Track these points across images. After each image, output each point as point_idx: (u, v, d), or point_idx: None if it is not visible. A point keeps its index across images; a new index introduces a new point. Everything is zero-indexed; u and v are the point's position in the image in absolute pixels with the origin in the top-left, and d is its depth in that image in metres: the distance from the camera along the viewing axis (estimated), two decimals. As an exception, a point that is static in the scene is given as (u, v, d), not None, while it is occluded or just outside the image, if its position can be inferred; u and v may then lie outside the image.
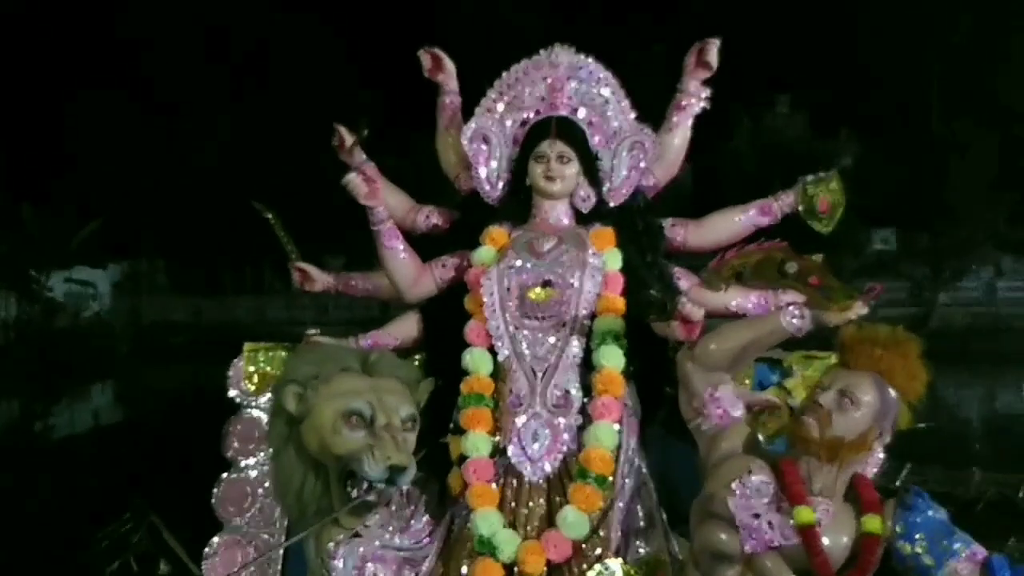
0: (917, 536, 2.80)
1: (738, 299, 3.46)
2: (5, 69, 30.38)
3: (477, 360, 3.41)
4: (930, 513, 2.86)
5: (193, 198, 29.99)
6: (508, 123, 3.66)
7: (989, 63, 29.30)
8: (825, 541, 2.76)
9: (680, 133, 3.69)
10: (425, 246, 3.68)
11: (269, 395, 3.51)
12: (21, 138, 30.14)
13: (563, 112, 3.58)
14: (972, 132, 27.89)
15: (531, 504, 3.29)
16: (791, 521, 2.76)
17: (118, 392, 25.18)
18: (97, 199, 29.22)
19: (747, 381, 3.48)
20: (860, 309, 3.03)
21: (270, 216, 3.70)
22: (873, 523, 2.79)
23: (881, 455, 3.20)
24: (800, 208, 3.53)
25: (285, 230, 3.69)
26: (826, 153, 27.35)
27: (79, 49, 31.45)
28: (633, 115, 3.65)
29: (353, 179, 3.38)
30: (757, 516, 2.79)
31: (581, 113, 3.61)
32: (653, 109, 3.78)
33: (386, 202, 3.53)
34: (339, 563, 3.13)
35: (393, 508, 3.30)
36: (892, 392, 2.89)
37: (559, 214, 3.57)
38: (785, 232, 3.36)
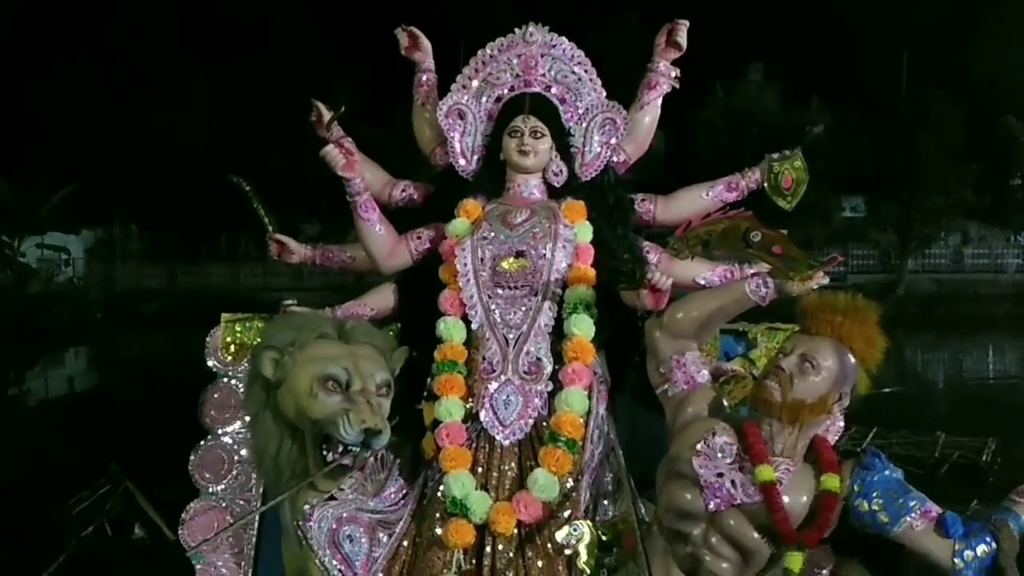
0: (874, 494, 2.85)
1: (705, 273, 3.54)
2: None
3: (451, 328, 3.46)
4: (887, 472, 2.91)
5: (168, 164, 29.67)
6: (483, 99, 3.71)
7: (958, 37, 29.46)
8: (785, 499, 2.82)
9: (650, 112, 3.75)
10: (401, 220, 3.72)
11: (246, 365, 3.54)
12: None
13: (537, 89, 3.64)
14: (940, 103, 28.01)
15: (503, 467, 3.35)
16: (753, 480, 2.84)
17: (92, 358, 25.02)
18: (70, 165, 28.89)
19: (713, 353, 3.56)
20: (821, 279, 3.09)
21: (248, 189, 3.71)
22: (832, 482, 2.85)
23: (842, 423, 3.25)
24: (766, 185, 3.60)
25: (262, 202, 3.71)
26: (798, 122, 27.45)
27: (49, 16, 31.03)
28: (604, 93, 3.70)
29: (330, 151, 3.42)
30: (720, 475, 2.87)
31: (554, 90, 3.66)
32: (625, 75, 3.84)
33: (363, 175, 3.56)
34: (314, 525, 3.16)
35: (367, 472, 3.34)
36: (851, 358, 2.94)
37: (532, 188, 3.62)
38: (752, 206, 3.44)
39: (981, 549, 2.81)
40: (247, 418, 3.47)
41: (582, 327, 3.38)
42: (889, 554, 2.95)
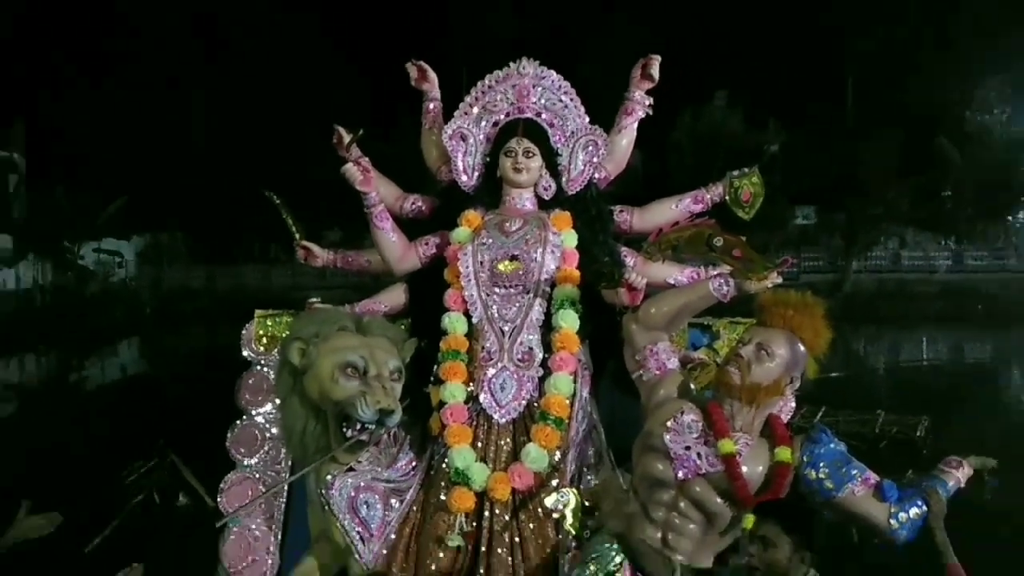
0: (821, 464, 2.86)
1: (675, 274, 3.54)
2: (41, 68, 30.23)
3: (454, 322, 3.47)
4: (832, 446, 2.92)
5: (208, 179, 29.70)
6: (482, 124, 3.71)
7: (896, 66, 29.51)
8: (744, 469, 2.82)
9: (627, 135, 3.75)
10: (411, 228, 3.72)
11: (276, 354, 3.54)
12: (53, 128, 29.92)
13: (529, 115, 3.65)
14: (881, 125, 28.05)
15: (499, 442, 3.36)
16: (716, 452, 2.85)
17: (143, 349, 25.01)
18: (124, 180, 28.86)
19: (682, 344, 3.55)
20: (775, 278, 3.10)
21: (278, 201, 3.71)
22: (784, 454, 2.86)
23: (793, 404, 3.24)
24: (727, 198, 3.60)
25: (291, 213, 3.71)
26: (757, 142, 27.45)
27: (106, 51, 31.14)
28: (587, 119, 3.70)
29: (350, 168, 3.44)
30: (688, 448, 2.87)
31: (544, 116, 3.67)
32: (609, 99, 3.83)
33: (378, 190, 3.57)
34: (336, 493, 3.16)
35: (382, 447, 3.35)
36: (801, 347, 2.94)
37: (524, 200, 3.62)
38: (716, 216, 3.45)
39: (913, 511, 2.84)
40: (277, 401, 3.48)
41: (568, 321, 3.40)
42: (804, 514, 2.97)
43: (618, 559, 2.96)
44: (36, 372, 22.12)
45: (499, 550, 3.25)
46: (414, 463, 3.44)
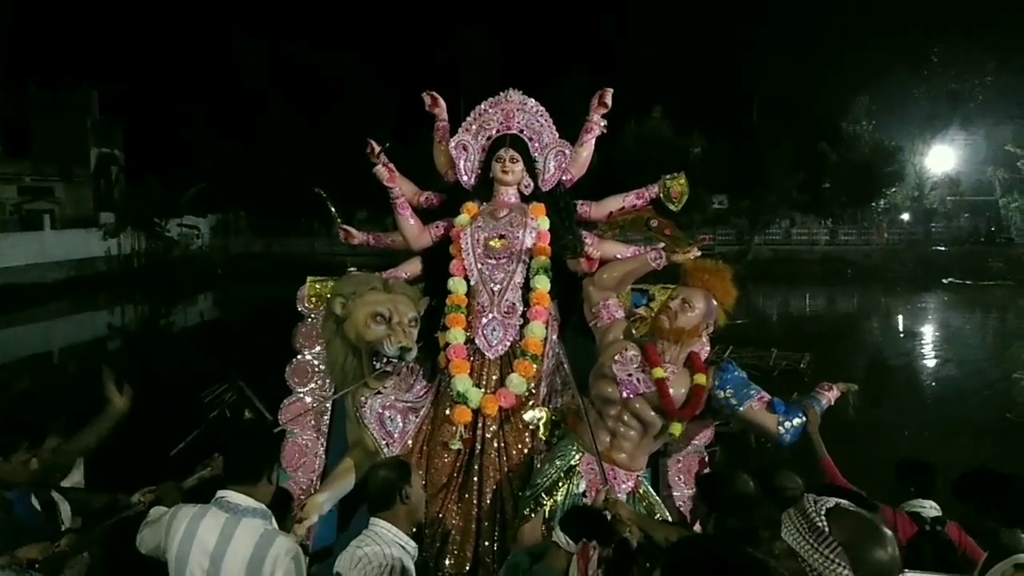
0: (728, 387, 2.96)
1: (621, 249, 3.57)
2: (138, 83, 30.04)
3: (457, 284, 3.52)
4: (736, 373, 3.01)
5: (267, 172, 29.49)
6: (479, 138, 3.72)
7: (789, 89, 29.52)
8: (671, 390, 2.92)
9: (587, 148, 3.74)
10: (426, 216, 3.74)
11: (322, 309, 3.54)
12: (149, 131, 29.77)
13: (514, 131, 3.66)
14: (778, 132, 28.02)
15: (490, 373, 3.42)
16: (651, 378, 2.93)
17: (215, 300, 24.89)
18: (201, 171, 28.65)
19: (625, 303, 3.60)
20: (696, 251, 3.16)
21: (323, 194, 3.71)
22: (700, 379, 2.96)
23: (708, 346, 3.31)
24: (661, 195, 3.61)
25: (333, 202, 3.71)
26: (683, 146, 27.39)
27: (194, 82, 30.99)
28: (558, 135, 3.70)
29: (380, 170, 3.47)
30: (630, 375, 2.96)
31: (525, 132, 3.68)
32: (574, 117, 3.83)
33: (400, 187, 3.59)
34: (367, 411, 3.22)
35: (402, 376, 3.39)
36: (714, 302, 3.03)
37: (510, 195, 3.65)
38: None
39: (796, 421, 2.92)
40: (323, 343, 3.50)
41: (542, 283, 3.45)
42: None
43: (576, 456, 3.06)
44: (134, 317, 22.02)
45: (489, 452, 3.32)
46: (426, 388, 3.48)
